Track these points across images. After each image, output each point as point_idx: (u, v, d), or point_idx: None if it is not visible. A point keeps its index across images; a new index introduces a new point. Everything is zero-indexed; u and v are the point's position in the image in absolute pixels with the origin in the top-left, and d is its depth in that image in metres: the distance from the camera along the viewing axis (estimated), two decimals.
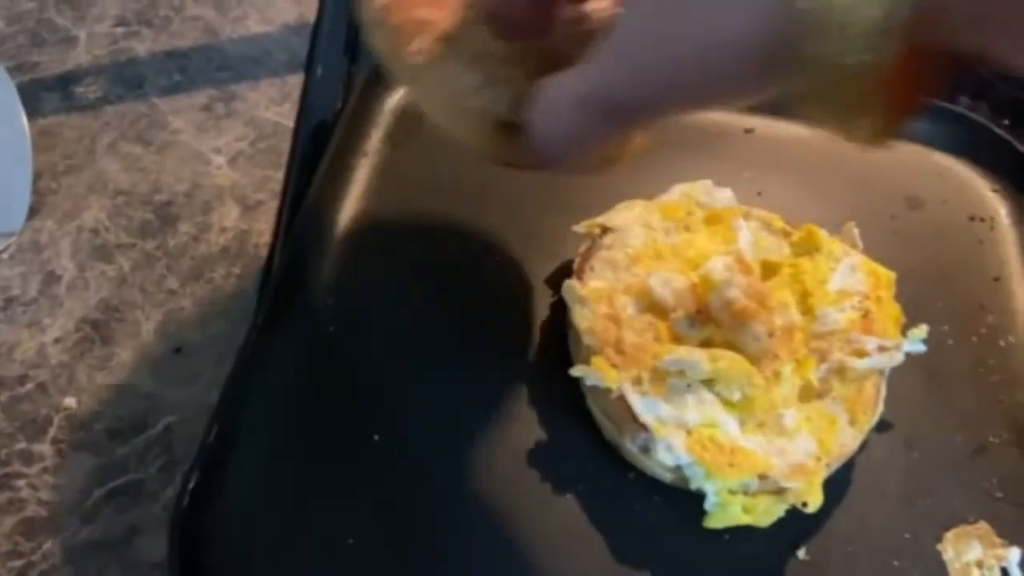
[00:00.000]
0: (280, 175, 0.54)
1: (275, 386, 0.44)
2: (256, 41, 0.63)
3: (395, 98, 0.58)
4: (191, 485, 0.39)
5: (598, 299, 0.43)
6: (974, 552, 0.42)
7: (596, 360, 0.41)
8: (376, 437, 0.43)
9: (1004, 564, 0.41)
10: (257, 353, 0.43)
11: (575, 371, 0.43)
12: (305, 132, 0.56)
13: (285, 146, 0.55)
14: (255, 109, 0.58)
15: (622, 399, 0.40)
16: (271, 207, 0.52)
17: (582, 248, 0.48)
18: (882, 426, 0.45)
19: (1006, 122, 0.63)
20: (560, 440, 0.44)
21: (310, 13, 0.65)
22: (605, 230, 0.48)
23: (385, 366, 0.45)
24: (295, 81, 0.60)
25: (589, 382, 0.42)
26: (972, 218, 0.55)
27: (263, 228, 0.51)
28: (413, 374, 0.45)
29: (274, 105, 0.58)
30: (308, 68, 0.60)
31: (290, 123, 0.57)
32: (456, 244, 0.51)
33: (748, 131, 0.59)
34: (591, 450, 0.43)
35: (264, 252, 0.50)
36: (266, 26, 0.64)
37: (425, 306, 0.48)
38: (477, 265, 0.50)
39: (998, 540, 0.42)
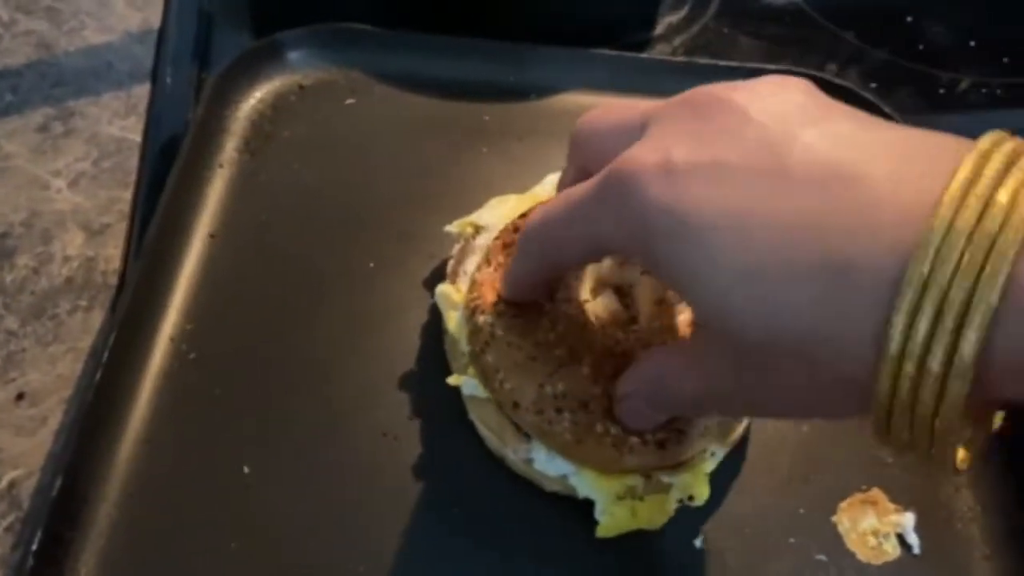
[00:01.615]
0: (128, 195, 0.50)
1: (129, 427, 0.40)
2: (96, 52, 0.58)
3: (249, 102, 0.55)
4: (35, 547, 0.35)
5: None
6: (869, 521, 0.42)
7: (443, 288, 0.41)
8: (246, 468, 0.40)
9: (899, 530, 0.41)
10: (105, 392, 0.40)
11: (451, 380, 0.41)
12: (154, 147, 0.52)
13: (132, 164, 0.52)
14: (97, 125, 0.54)
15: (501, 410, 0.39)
16: (120, 230, 0.48)
17: (455, 249, 0.46)
18: None
19: (874, 86, 0.64)
20: (445, 452, 0.41)
21: (154, 18, 0.61)
22: (478, 229, 0.46)
23: (253, 390, 0.42)
24: (141, 92, 0.56)
25: (467, 391, 0.40)
26: None
27: (112, 254, 0.47)
28: (283, 396, 0.42)
29: (118, 120, 0.54)
30: (154, 77, 0.56)
31: (137, 138, 0.53)
32: (326, 252, 0.48)
33: None
34: (476, 462, 0.41)
35: (114, 280, 0.46)
36: (106, 35, 0.59)
37: (295, 321, 0.45)
38: (350, 273, 0.48)
39: (892, 506, 0.42)
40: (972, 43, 0.67)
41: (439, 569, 0.38)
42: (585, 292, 0.41)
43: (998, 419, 0.42)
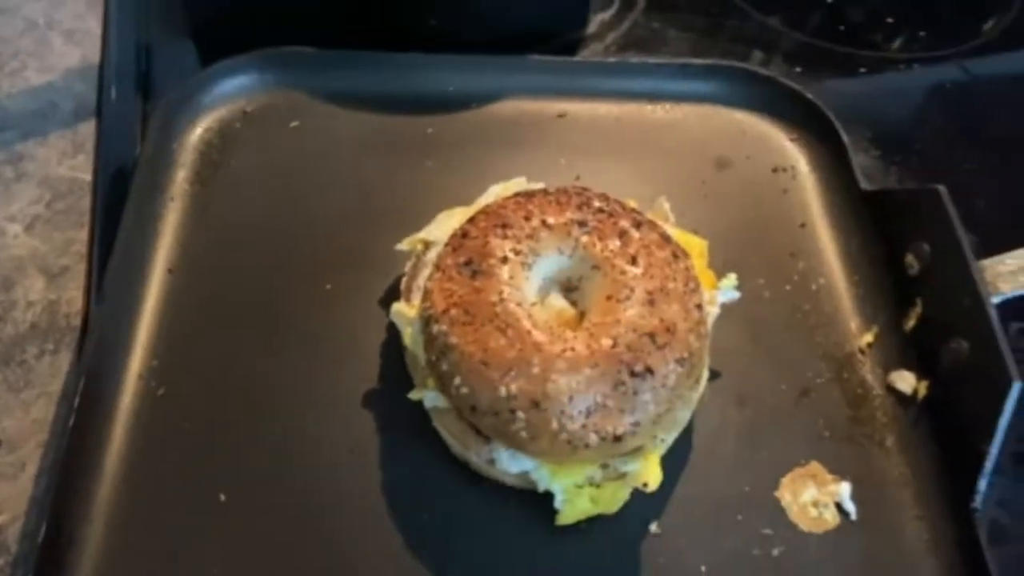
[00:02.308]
0: (84, 235, 0.51)
1: (106, 467, 0.42)
2: (38, 93, 0.59)
3: (196, 132, 0.56)
4: None
5: None
6: (809, 492, 0.45)
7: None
8: (223, 497, 0.42)
9: (837, 499, 0.45)
10: (80, 435, 0.42)
11: (413, 394, 0.43)
12: (105, 183, 0.54)
13: (86, 203, 0.53)
14: (47, 167, 0.54)
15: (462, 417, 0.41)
16: (79, 271, 0.50)
17: (408, 266, 0.48)
18: (713, 375, 0.47)
19: (798, 69, 0.66)
20: (411, 463, 0.44)
21: (94, 54, 0.61)
22: (428, 245, 0.48)
23: (222, 420, 0.44)
24: (87, 130, 0.57)
25: (428, 404, 0.43)
26: (775, 169, 0.58)
27: (73, 295, 0.49)
28: (253, 423, 0.44)
29: (67, 159, 0.55)
30: (99, 113, 0.57)
31: (87, 176, 0.54)
32: (282, 278, 0.50)
33: (561, 115, 0.60)
34: (442, 468, 0.44)
35: (78, 322, 0.47)
36: (47, 75, 0.60)
37: (257, 349, 0.47)
38: (308, 297, 0.50)
39: (830, 477, 0.45)
40: (889, 19, 0.70)
41: (416, 571, 0.41)
42: (532, 293, 0.43)
43: (922, 387, 0.46)
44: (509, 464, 0.41)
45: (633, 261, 0.43)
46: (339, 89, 0.59)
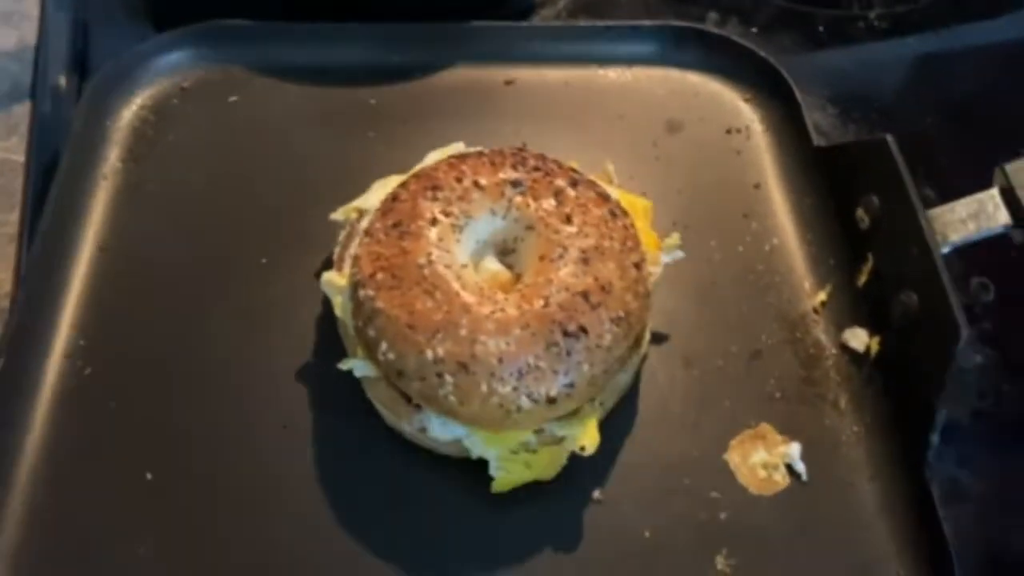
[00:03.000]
0: (15, 217, 0.50)
1: (27, 447, 0.41)
2: None
3: (131, 109, 0.55)
4: None
5: None
6: (759, 455, 0.43)
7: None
8: (149, 475, 0.41)
9: (788, 460, 0.43)
10: (2, 415, 0.40)
11: (343, 364, 0.42)
12: (37, 165, 0.52)
13: (17, 185, 0.51)
14: None
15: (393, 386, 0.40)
16: (8, 253, 0.48)
17: (341, 236, 0.47)
18: (660, 338, 0.46)
19: (754, 30, 0.65)
20: (345, 436, 0.43)
21: (31, 36, 0.60)
22: (362, 213, 0.46)
23: (151, 398, 0.43)
24: (22, 112, 0.55)
25: (358, 373, 0.41)
26: (729, 131, 0.57)
27: (2, 277, 0.47)
28: (183, 401, 0.43)
29: (0, 141, 0.54)
30: (33, 94, 0.56)
31: (20, 158, 0.53)
32: (217, 254, 0.49)
33: (508, 83, 0.58)
34: (376, 440, 0.42)
35: (7, 303, 0.46)
36: None
37: (190, 325, 0.46)
38: (243, 272, 0.48)
39: (780, 438, 0.44)
40: None
41: (349, 548, 0.40)
42: (464, 256, 0.41)
43: (874, 344, 0.44)
44: (440, 431, 0.40)
45: (568, 220, 0.42)
46: (279, 62, 0.57)
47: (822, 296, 0.48)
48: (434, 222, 0.41)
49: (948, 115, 0.60)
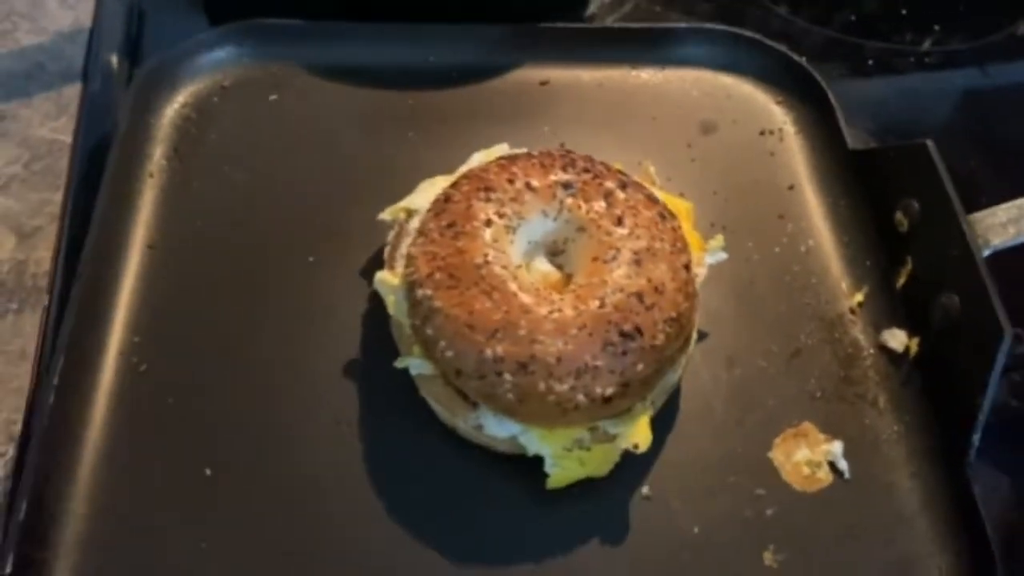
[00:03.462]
0: (58, 197, 0.50)
1: (87, 444, 0.41)
2: (27, 54, 0.58)
3: (173, 107, 0.55)
4: (8, 570, 0.36)
5: None
6: (802, 452, 0.44)
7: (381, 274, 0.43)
8: (208, 471, 0.41)
9: (831, 458, 0.44)
10: (61, 414, 0.41)
11: (399, 363, 0.42)
12: (84, 147, 0.53)
13: (63, 165, 0.52)
14: (29, 128, 0.54)
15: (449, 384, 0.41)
16: (50, 232, 0.49)
17: (391, 236, 0.47)
18: (701, 336, 0.47)
19: (803, 59, 0.63)
20: (399, 432, 0.43)
21: (87, 18, 0.60)
22: (410, 213, 0.47)
23: (206, 395, 0.44)
24: (72, 93, 0.56)
25: (414, 371, 0.42)
26: (762, 132, 0.57)
27: (42, 256, 0.48)
28: (237, 397, 0.44)
29: (49, 121, 0.54)
30: (85, 77, 0.56)
31: (68, 139, 0.53)
32: (264, 253, 0.49)
33: (543, 83, 0.59)
34: (431, 437, 0.43)
35: (44, 283, 0.47)
36: (38, 36, 0.59)
37: (239, 324, 0.46)
38: (290, 270, 0.49)
39: (822, 436, 0.45)
40: (904, 11, 0.67)
41: (406, 544, 0.40)
42: (517, 257, 0.42)
43: (913, 344, 0.45)
44: (497, 429, 0.40)
45: (619, 222, 0.42)
46: (318, 61, 0.58)
47: (859, 297, 0.49)
48: (488, 223, 0.42)
49: (992, 154, 0.59)
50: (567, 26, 0.61)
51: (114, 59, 0.57)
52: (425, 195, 0.47)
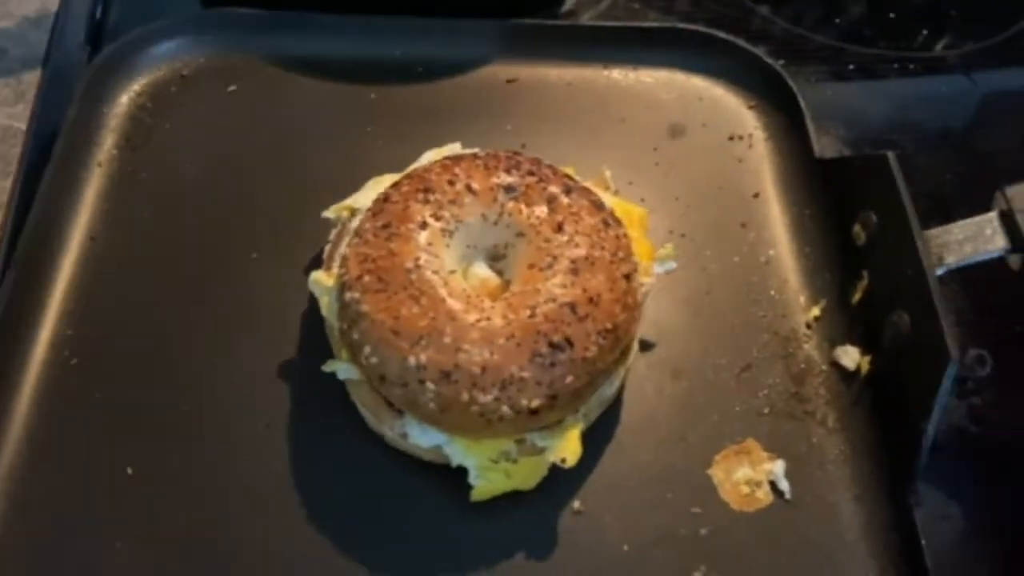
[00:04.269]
0: (8, 184, 0.50)
1: (10, 435, 0.41)
2: None
3: (129, 95, 0.54)
4: None
5: None
6: (743, 471, 0.43)
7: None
8: (130, 470, 0.41)
9: (772, 477, 0.43)
10: None
11: (327, 366, 0.42)
12: (39, 135, 0.52)
13: (16, 152, 0.51)
14: None
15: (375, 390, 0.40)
16: None
17: (332, 234, 0.46)
18: (646, 346, 0.46)
19: (782, 62, 0.60)
20: (326, 437, 0.43)
21: (54, 4, 0.60)
22: (354, 212, 0.46)
23: (135, 392, 0.43)
24: (32, 80, 0.55)
25: (342, 376, 0.41)
26: (731, 137, 0.56)
27: None
28: (167, 395, 0.43)
29: (6, 107, 0.54)
30: (45, 63, 0.56)
31: (23, 125, 0.53)
32: (209, 247, 0.49)
33: (511, 81, 0.58)
34: (359, 443, 0.42)
35: None
36: (3, 21, 0.58)
37: (177, 319, 0.46)
38: (233, 266, 0.48)
39: (765, 455, 0.44)
40: (891, 15, 0.65)
41: (326, 551, 0.39)
42: (453, 261, 0.41)
43: (865, 363, 0.44)
44: (421, 438, 0.40)
45: (559, 228, 0.41)
46: (281, 52, 0.57)
47: (816, 311, 0.48)
48: (424, 225, 0.41)
49: (974, 164, 0.56)
50: (538, 23, 0.60)
51: (75, 47, 0.57)
52: (370, 194, 0.46)
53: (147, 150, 0.52)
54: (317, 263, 0.47)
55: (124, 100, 0.54)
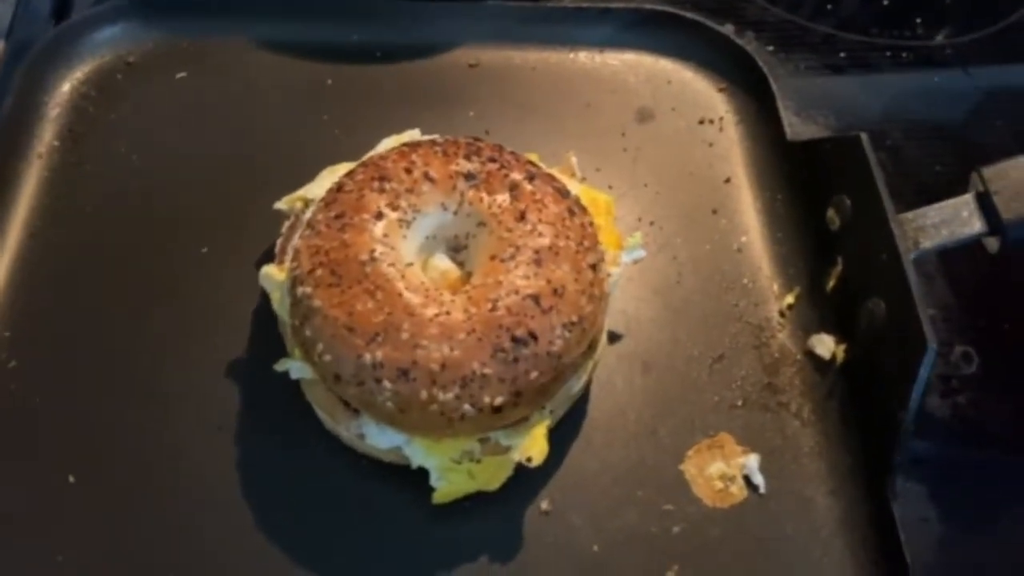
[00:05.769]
0: None
1: None
2: None
3: (71, 83, 0.52)
4: None
5: None
6: (717, 466, 0.42)
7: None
8: (71, 478, 0.39)
9: (746, 471, 0.41)
10: None
11: (279, 365, 0.40)
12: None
13: None
14: None
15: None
16: None
17: (284, 226, 0.44)
18: (614, 337, 0.44)
19: (770, 48, 0.58)
20: (280, 439, 0.41)
21: None
22: (307, 203, 0.44)
23: (77, 396, 0.41)
24: None
25: (294, 375, 0.39)
26: (701, 121, 0.54)
27: None
28: (111, 398, 0.41)
29: None
30: (8, 35, 0.53)
31: None
32: (156, 242, 0.46)
33: (472, 66, 0.56)
34: (315, 444, 0.40)
35: None
36: None
37: (122, 318, 0.44)
38: (180, 261, 0.46)
39: (739, 448, 0.42)
40: (885, 2, 0.63)
41: (281, 556, 0.38)
42: (411, 253, 0.39)
43: (840, 352, 0.42)
44: (379, 439, 0.38)
45: (522, 217, 0.39)
46: (233, 37, 0.55)
47: (789, 299, 0.47)
48: (380, 216, 0.39)
49: (965, 157, 0.53)
50: (500, 5, 0.58)
51: (43, 19, 0.54)
52: (325, 183, 0.44)
53: (91, 141, 0.50)
54: (269, 257, 0.45)
55: (66, 88, 0.51)
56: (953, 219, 0.41)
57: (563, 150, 0.49)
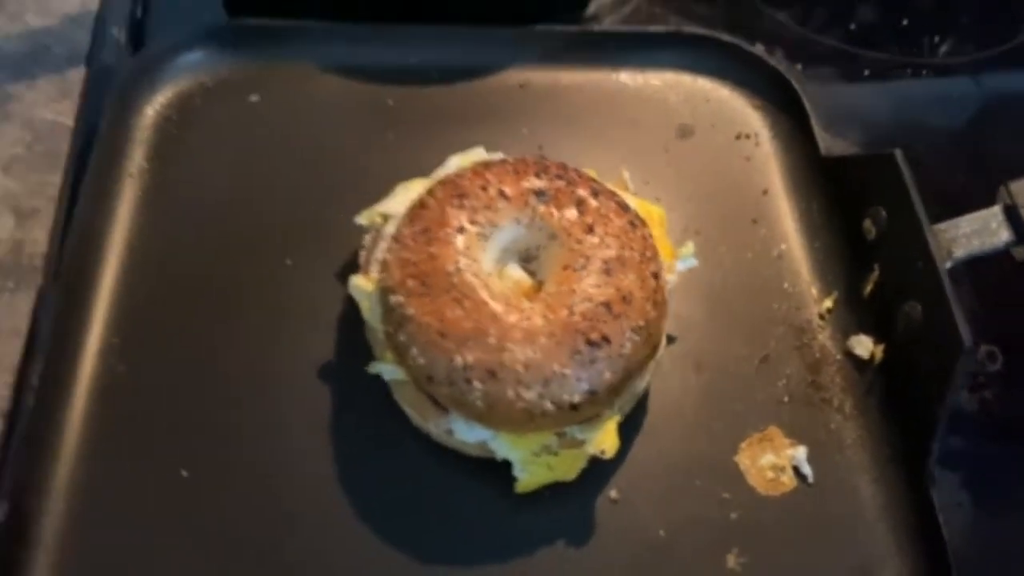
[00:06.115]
0: (58, 179, 0.51)
1: (66, 444, 0.42)
2: (34, 36, 0.58)
3: (155, 107, 0.55)
4: None
5: None
6: (767, 457, 0.45)
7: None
8: (184, 472, 0.42)
9: (795, 463, 0.45)
10: (41, 415, 0.42)
11: (371, 368, 0.43)
12: (86, 130, 0.53)
13: (64, 147, 0.52)
14: (32, 109, 0.54)
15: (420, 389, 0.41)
16: (48, 213, 0.50)
17: (366, 240, 0.48)
18: (669, 340, 0.48)
19: (799, 66, 0.62)
20: (372, 437, 0.44)
21: (94, 1, 0.60)
22: (386, 217, 0.48)
23: (183, 397, 0.44)
24: (77, 77, 0.56)
25: (386, 376, 0.43)
26: (738, 137, 0.58)
27: (39, 237, 0.49)
28: (213, 400, 0.45)
29: (53, 103, 0.54)
30: (89, 60, 0.56)
31: (70, 122, 0.54)
32: (242, 255, 0.50)
33: (522, 86, 0.59)
34: (403, 441, 0.44)
35: (40, 263, 0.48)
36: (46, 19, 0.59)
37: (217, 326, 0.47)
38: (267, 272, 0.49)
39: (787, 441, 0.46)
40: (905, 21, 0.67)
41: (375, 546, 0.41)
42: (489, 264, 0.43)
43: (878, 352, 0.46)
44: (467, 434, 0.41)
45: (590, 230, 0.43)
46: (299, 61, 0.58)
47: (828, 303, 0.50)
48: (461, 230, 0.43)
49: (984, 168, 0.58)
50: (548, 29, 0.61)
51: (119, 43, 0.58)
52: (400, 199, 0.48)
53: (176, 161, 0.53)
54: (349, 267, 0.49)
55: (150, 112, 0.55)
56: (983, 230, 0.44)
57: (612, 164, 0.53)
